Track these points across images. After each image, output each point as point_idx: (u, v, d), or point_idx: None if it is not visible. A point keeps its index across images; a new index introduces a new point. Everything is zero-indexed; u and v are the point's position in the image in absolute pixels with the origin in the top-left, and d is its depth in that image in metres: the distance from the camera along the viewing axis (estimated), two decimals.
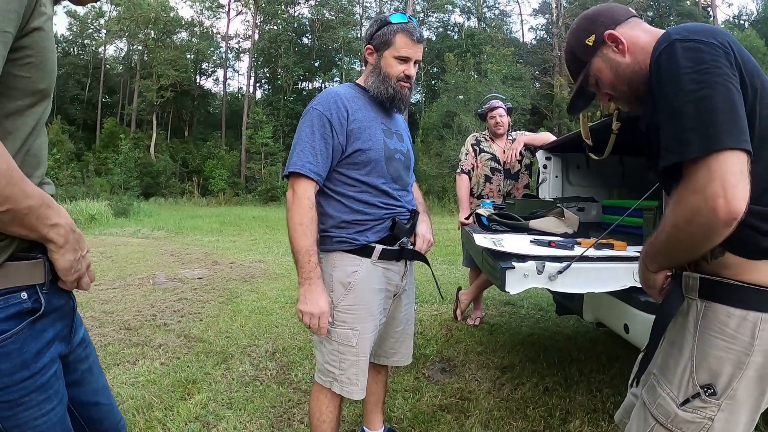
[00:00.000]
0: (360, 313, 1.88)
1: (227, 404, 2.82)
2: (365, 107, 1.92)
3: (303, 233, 1.76)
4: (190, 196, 27.91)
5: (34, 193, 0.91)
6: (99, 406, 1.23)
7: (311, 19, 36.36)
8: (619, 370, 3.26)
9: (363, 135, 1.85)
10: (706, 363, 1.11)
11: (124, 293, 5.50)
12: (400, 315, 2.12)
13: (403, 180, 1.97)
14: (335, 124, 1.82)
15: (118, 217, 15.57)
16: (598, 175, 3.74)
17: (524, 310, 4.90)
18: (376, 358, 2.15)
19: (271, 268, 7.22)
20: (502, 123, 4.22)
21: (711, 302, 1.13)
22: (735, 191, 0.94)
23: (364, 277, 1.88)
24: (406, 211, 1.96)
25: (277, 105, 34.05)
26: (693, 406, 1.12)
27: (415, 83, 2.02)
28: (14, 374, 0.95)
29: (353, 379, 1.89)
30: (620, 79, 1.27)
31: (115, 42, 38.12)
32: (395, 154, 1.94)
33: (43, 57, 0.95)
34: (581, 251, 1.83)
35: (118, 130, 32.84)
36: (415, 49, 1.89)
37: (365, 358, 1.92)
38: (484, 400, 2.88)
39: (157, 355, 3.57)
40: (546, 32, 36.69)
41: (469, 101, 23.68)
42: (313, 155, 1.79)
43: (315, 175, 1.79)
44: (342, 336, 1.88)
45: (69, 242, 0.99)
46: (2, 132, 0.91)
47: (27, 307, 0.97)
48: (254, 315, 4.68)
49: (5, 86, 0.91)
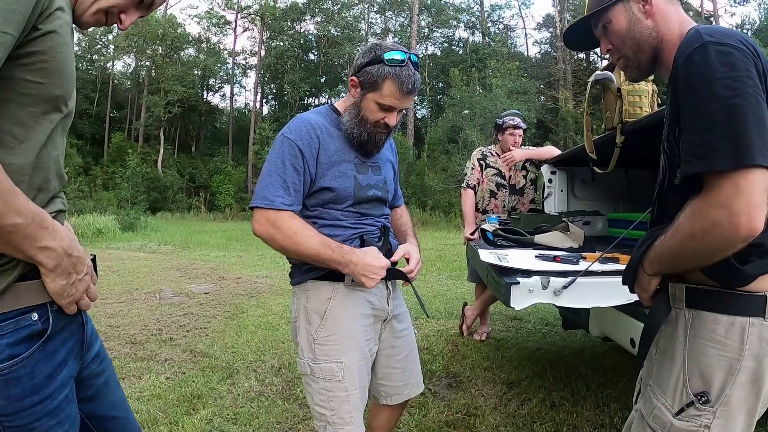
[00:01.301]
0: (341, 342, 1.73)
1: (232, 420, 2.82)
2: (338, 138, 1.79)
3: (304, 237, 1.64)
4: (197, 211, 27.96)
5: (24, 210, 0.86)
6: (116, 419, 1.21)
7: (317, 36, 36.64)
8: (626, 384, 3.23)
9: (332, 171, 1.74)
10: (698, 371, 1.12)
11: (130, 307, 5.51)
12: (399, 342, 1.95)
13: (374, 212, 1.87)
14: (306, 154, 1.70)
15: (125, 231, 15.62)
16: (604, 188, 3.74)
17: (531, 324, 4.87)
18: (387, 398, 1.96)
19: (278, 283, 7.22)
20: (518, 143, 4.22)
21: (698, 311, 1.14)
22: (759, 211, 0.94)
23: (340, 303, 1.75)
24: (376, 229, 1.86)
25: (284, 121, 33.92)
26: (688, 414, 1.12)
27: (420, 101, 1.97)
28: (24, 399, 0.92)
29: (347, 418, 1.73)
30: (630, 36, 1.25)
31: (123, 57, 38.46)
32: (368, 190, 1.82)
33: (58, 62, 0.91)
34: (586, 266, 1.83)
35: (125, 144, 33.02)
36: (402, 100, 1.71)
37: (356, 392, 1.75)
38: (490, 416, 2.86)
39: (163, 370, 3.57)
40: (550, 46, 36.83)
41: (475, 116, 23.72)
42: (284, 188, 1.67)
43: (287, 208, 1.67)
44: (326, 371, 1.73)
45: (61, 266, 0.94)
46: (12, 141, 0.89)
47: (37, 329, 0.94)
48: (260, 330, 4.67)
49: (15, 92, 0.88)
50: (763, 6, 29.55)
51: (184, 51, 37.76)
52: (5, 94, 0.87)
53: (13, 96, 0.88)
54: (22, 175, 0.91)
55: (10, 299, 0.90)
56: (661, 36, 1.22)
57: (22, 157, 0.90)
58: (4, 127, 0.88)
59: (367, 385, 1.84)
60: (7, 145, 0.88)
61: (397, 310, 1.95)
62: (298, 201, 1.70)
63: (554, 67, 32.31)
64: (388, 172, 1.96)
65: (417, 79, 1.72)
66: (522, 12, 42.63)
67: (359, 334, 1.77)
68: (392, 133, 1.86)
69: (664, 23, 1.22)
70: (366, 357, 1.81)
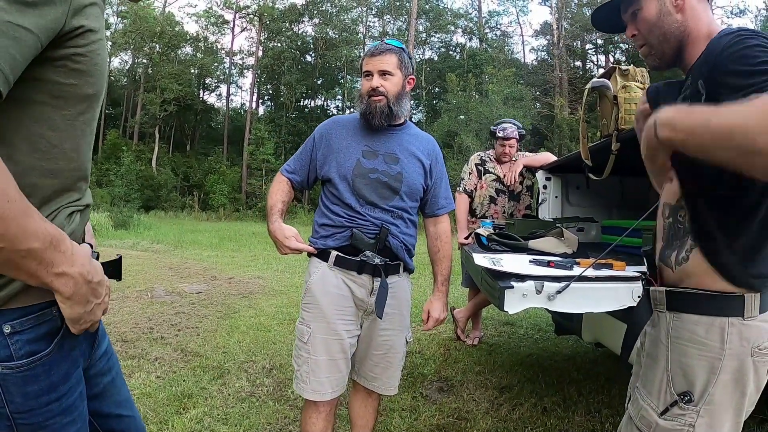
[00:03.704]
0: (313, 312, 2.01)
1: (223, 420, 2.80)
2: (353, 131, 2.12)
3: (271, 195, 2.14)
4: (191, 211, 27.91)
5: (39, 232, 0.78)
6: (121, 418, 1.19)
7: (315, 38, 36.70)
8: (618, 390, 3.24)
9: (337, 156, 2.07)
10: (680, 371, 1.15)
11: (121, 305, 5.48)
12: (378, 339, 2.11)
13: (375, 198, 2.02)
14: (317, 141, 2.15)
15: (118, 228, 15.56)
16: (598, 195, 3.75)
17: (523, 330, 4.88)
18: (357, 376, 2.19)
19: (270, 284, 7.20)
20: (509, 153, 4.21)
21: (679, 313, 1.17)
22: None
23: (319, 279, 2.03)
24: (373, 226, 2.01)
25: (280, 122, 34.22)
26: (672, 414, 1.14)
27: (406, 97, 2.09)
28: (40, 397, 0.90)
29: (304, 376, 2.00)
30: (659, 26, 1.26)
31: (120, 54, 38.33)
32: (370, 173, 2.03)
33: (92, 61, 0.88)
34: (580, 271, 1.83)
35: (120, 142, 32.92)
36: (372, 61, 2.04)
37: (317, 360, 1.98)
38: (482, 420, 2.86)
39: (153, 369, 3.55)
40: (547, 53, 37.00)
41: (470, 121, 23.77)
42: (294, 162, 2.19)
43: (286, 173, 2.19)
44: (300, 332, 2.04)
45: (78, 294, 0.87)
46: (47, 145, 0.85)
47: (57, 325, 0.91)
48: (252, 331, 4.66)
49: (48, 94, 0.84)
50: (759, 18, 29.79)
51: (181, 49, 37.68)
52: (38, 96, 0.83)
53: (46, 99, 0.84)
54: (56, 179, 0.89)
55: (35, 292, 0.87)
56: (688, 31, 1.23)
57: (56, 161, 0.87)
58: (37, 131, 0.85)
59: (339, 361, 2.01)
60: (41, 150, 0.85)
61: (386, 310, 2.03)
62: (300, 172, 2.17)
63: (551, 74, 32.45)
64: (410, 166, 2.10)
65: (388, 44, 2.06)
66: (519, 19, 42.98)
67: (331, 311, 1.99)
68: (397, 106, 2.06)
69: (694, 20, 1.23)
70: (337, 334, 2.00)
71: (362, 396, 2.22)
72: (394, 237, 2.03)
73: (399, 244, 2.05)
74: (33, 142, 0.85)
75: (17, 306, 0.86)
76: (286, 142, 32.46)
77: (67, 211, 0.94)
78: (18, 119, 0.83)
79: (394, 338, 2.14)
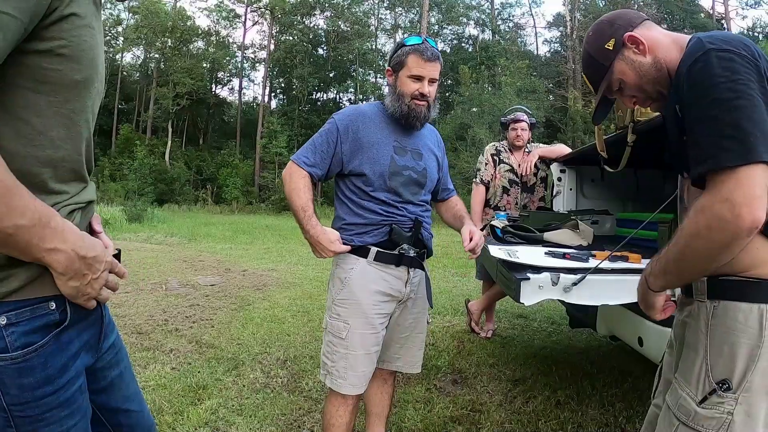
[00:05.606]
0: (352, 308, 2.00)
1: (237, 411, 2.83)
2: (380, 125, 2.07)
3: (296, 195, 1.99)
4: (204, 204, 28.08)
5: (28, 209, 0.80)
6: (129, 413, 1.18)
7: (327, 31, 36.65)
8: (632, 384, 3.23)
9: (367, 152, 2.01)
10: (719, 359, 1.14)
11: (136, 297, 5.54)
12: (405, 322, 2.18)
13: (408, 194, 2.07)
14: (342, 133, 2.03)
15: (132, 222, 15.70)
16: (613, 188, 3.72)
17: (537, 323, 4.87)
18: (381, 362, 2.19)
19: (284, 276, 7.24)
20: (522, 137, 4.18)
21: (719, 300, 1.17)
22: (759, 202, 0.98)
23: (358, 275, 2.01)
24: (409, 221, 2.06)
25: (292, 115, 34.27)
26: (711, 402, 1.14)
27: (437, 101, 2.12)
28: (37, 389, 0.90)
29: (342, 372, 2.00)
30: (645, 78, 1.29)
31: (133, 49, 38.57)
32: (403, 170, 2.05)
33: (76, 46, 0.87)
34: (596, 263, 1.82)
35: (133, 136, 33.21)
36: (426, 67, 1.99)
37: (357, 354, 1.99)
38: (495, 413, 2.86)
39: (168, 360, 3.59)
40: (560, 45, 36.66)
41: (483, 113, 23.64)
42: (312, 153, 2.03)
43: (306, 167, 2.01)
44: (335, 328, 2.02)
45: (72, 269, 0.89)
46: (31, 132, 0.85)
47: (54, 319, 0.92)
48: (266, 323, 4.69)
49: (32, 80, 0.84)
50: None
51: (193, 44, 37.82)
52: (22, 82, 0.83)
53: (30, 84, 0.84)
54: (44, 167, 0.88)
55: (31, 288, 0.88)
56: (665, 62, 1.26)
57: (42, 149, 0.87)
58: (22, 116, 0.84)
59: (373, 354, 2.04)
60: (26, 136, 0.85)
61: (413, 295, 2.15)
62: (322, 166, 2.03)
63: (564, 66, 32.14)
64: (430, 161, 2.17)
65: (436, 50, 2.02)
66: (532, 10, 42.29)
67: (369, 307, 2.00)
68: (432, 110, 2.09)
69: (662, 51, 1.27)
70: (374, 327, 2.02)
71: (378, 383, 2.25)
72: (425, 229, 2.12)
73: (428, 234, 2.15)
74: (18, 128, 0.85)
75: (13, 299, 0.87)
76: (298, 135, 32.50)
77: (68, 209, 0.94)
78: (2, 104, 0.83)
79: (422, 320, 2.25)
